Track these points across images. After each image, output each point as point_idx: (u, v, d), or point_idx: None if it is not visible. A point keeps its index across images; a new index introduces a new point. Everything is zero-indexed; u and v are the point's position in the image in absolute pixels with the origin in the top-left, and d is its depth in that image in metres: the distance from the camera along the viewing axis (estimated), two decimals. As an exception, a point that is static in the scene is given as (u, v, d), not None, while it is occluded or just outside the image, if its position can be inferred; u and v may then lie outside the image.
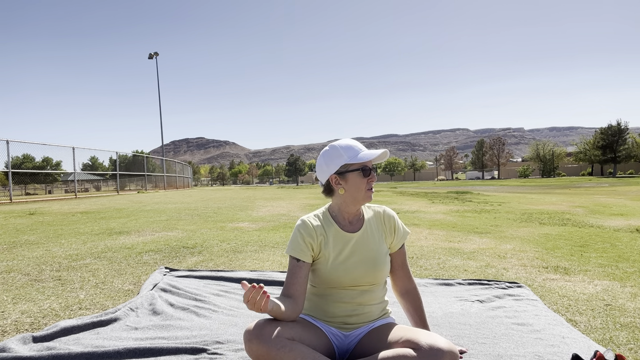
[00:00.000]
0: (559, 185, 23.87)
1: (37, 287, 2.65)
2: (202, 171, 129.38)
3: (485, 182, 41.37)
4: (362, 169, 1.45)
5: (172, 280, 2.67)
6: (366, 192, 1.47)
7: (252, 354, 1.24)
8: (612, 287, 2.52)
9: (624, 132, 52.68)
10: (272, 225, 5.74)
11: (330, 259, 1.48)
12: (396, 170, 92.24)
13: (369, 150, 1.48)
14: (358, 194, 1.47)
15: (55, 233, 5.13)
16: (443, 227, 5.42)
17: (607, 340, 1.74)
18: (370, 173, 1.47)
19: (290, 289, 1.43)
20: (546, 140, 72.54)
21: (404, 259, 1.59)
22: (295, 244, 1.48)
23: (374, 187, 5.99)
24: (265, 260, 3.44)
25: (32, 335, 1.73)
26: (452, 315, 2.04)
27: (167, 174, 24.47)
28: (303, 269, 1.46)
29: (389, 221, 1.56)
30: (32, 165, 37.97)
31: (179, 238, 4.64)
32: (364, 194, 1.47)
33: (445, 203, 9.74)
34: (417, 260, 3.41)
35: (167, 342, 1.73)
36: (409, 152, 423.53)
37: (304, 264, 1.46)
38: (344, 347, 1.48)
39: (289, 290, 1.43)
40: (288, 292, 1.43)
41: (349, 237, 1.50)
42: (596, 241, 4.19)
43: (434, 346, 1.20)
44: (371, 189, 1.48)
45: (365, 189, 1.46)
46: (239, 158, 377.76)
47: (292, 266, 1.46)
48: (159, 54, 30.64)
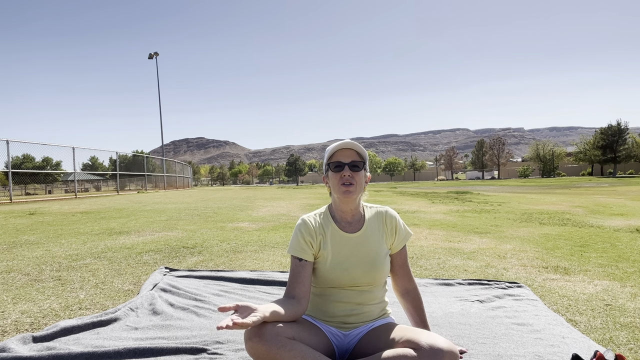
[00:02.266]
0: (559, 185, 23.87)
1: (37, 287, 2.65)
2: (202, 171, 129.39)
3: (485, 182, 41.37)
4: (335, 165, 1.46)
5: (172, 280, 2.67)
6: (339, 187, 1.45)
7: (253, 353, 1.24)
8: (612, 287, 2.52)
9: (624, 132, 52.68)
10: (272, 225, 5.74)
11: (329, 259, 1.48)
12: (396, 170, 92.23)
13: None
14: (335, 191, 1.47)
15: (55, 233, 5.13)
16: (443, 227, 5.42)
17: (607, 340, 1.74)
18: (343, 168, 1.44)
19: (294, 290, 1.42)
20: (546, 140, 72.53)
21: (405, 259, 1.59)
22: (296, 243, 1.48)
23: (374, 186, 5.87)
24: (265, 260, 3.44)
25: (32, 335, 1.73)
26: (452, 315, 2.03)
27: (167, 174, 24.47)
28: (306, 268, 1.45)
29: (391, 222, 1.55)
30: (32, 165, 37.98)
31: (179, 238, 4.64)
32: (338, 189, 1.46)
33: (445, 203, 9.74)
34: (417, 260, 3.41)
35: (167, 342, 1.72)
36: (409, 152, 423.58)
37: (306, 263, 1.46)
38: (343, 347, 1.48)
39: (292, 291, 1.42)
40: (292, 293, 1.42)
41: (348, 237, 1.50)
42: (596, 241, 4.19)
43: (434, 346, 1.20)
44: (345, 183, 1.44)
45: (339, 185, 1.45)
46: (239, 158, 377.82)
47: (295, 266, 1.46)
48: (159, 54, 30.64)
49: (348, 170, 1.44)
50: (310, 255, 1.47)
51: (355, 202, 1.52)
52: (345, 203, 1.49)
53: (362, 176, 1.48)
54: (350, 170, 1.44)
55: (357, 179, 1.46)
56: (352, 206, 1.51)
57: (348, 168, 1.45)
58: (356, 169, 1.46)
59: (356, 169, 1.46)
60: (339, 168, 1.45)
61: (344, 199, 1.47)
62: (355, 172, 1.45)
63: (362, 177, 1.48)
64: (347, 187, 1.44)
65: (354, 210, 1.52)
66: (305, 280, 1.44)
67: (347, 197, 1.46)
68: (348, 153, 1.47)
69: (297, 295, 1.41)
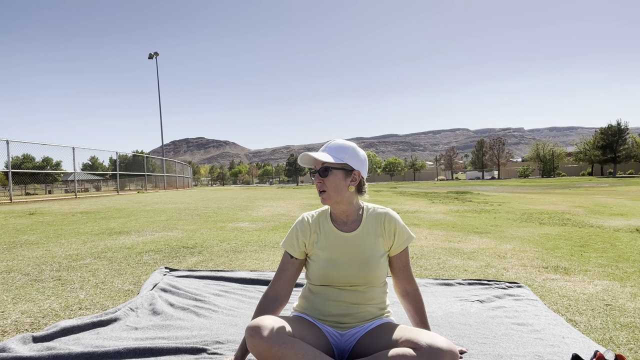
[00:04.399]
0: (559, 185, 23.87)
1: (37, 287, 2.65)
2: (202, 171, 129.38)
3: (485, 182, 41.37)
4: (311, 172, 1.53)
5: (172, 280, 2.67)
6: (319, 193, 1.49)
7: (254, 350, 1.24)
8: (612, 287, 2.52)
9: (624, 132, 52.69)
10: (272, 225, 5.74)
11: (322, 256, 1.50)
12: (396, 170, 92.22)
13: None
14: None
15: (55, 233, 5.13)
16: (443, 227, 5.42)
17: (607, 340, 1.74)
18: (314, 174, 1.49)
19: (277, 283, 1.52)
20: (546, 140, 72.54)
21: (405, 261, 1.57)
22: (289, 238, 1.55)
23: (374, 186, 5.81)
24: (265, 260, 3.44)
25: (32, 335, 1.73)
26: (452, 315, 2.03)
27: (167, 174, 24.47)
28: (294, 265, 1.53)
29: (389, 224, 1.53)
30: (32, 165, 37.96)
31: (179, 238, 4.64)
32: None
33: (445, 203, 9.74)
34: (417, 260, 3.41)
35: (167, 342, 1.72)
36: (409, 152, 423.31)
37: (295, 261, 1.53)
38: (340, 347, 1.48)
39: (275, 284, 1.51)
40: (274, 287, 1.51)
41: (342, 236, 1.51)
42: (596, 241, 4.19)
43: (433, 346, 1.20)
44: (319, 190, 1.47)
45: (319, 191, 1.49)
46: (239, 158, 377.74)
47: (285, 261, 1.54)
48: (159, 54, 30.64)
49: (318, 177, 1.47)
50: (299, 254, 1.53)
51: (340, 205, 1.49)
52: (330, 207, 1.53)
53: (337, 179, 1.44)
54: (320, 177, 1.46)
55: (329, 184, 1.45)
56: (341, 208, 1.50)
57: (319, 175, 1.47)
58: (325, 173, 1.45)
59: (325, 173, 1.45)
60: (313, 175, 1.50)
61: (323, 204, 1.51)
62: (325, 178, 1.45)
63: (335, 181, 1.44)
64: (320, 193, 1.48)
65: (347, 211, 1.51)
66: (290, 277, 1.52)
67: (324, 203, 1.49)
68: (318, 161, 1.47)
69: (279, 290, 1.50)
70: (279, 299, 1.50)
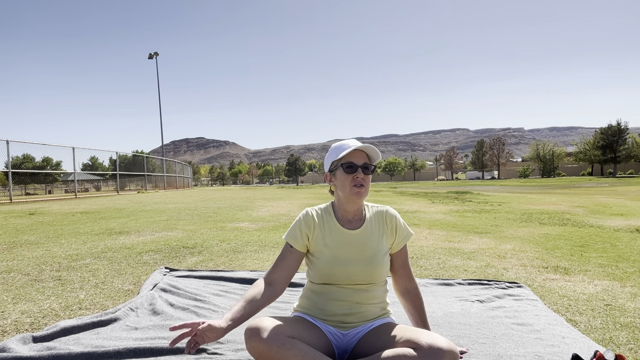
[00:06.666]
0: (559, 185, 23.87)
1: (37, 287, 2.65)
2: (202, 171, 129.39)
3: (485, 182, 41.37)
4: (347, 165, 1.47)
5: (172, 280, 2.67)
6: (351, 188, 1.47)
7: (253, 352, 1.24)
8: (612, 287, 2.52)
9: (624, 132, 52.69)
10: (272, 225, 5.74)
11: (327, 253, 1.49)
12: (396, 170, 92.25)
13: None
14: (344, 191, 1.49)
15: (55, 233, 5.13)
16: (443, 227, 5.42)
17: (607, 340, 1.74)
18: (356, 169, 1.46)
19: (275, 272, 1.48)
20: (546, 140, 72.54)
21: (405, 259, 1.59)
22: (293, 231, 1.53)
23: (374, 186, 5.84)
24: (265, 260, 3.44)
25: (32, 335, 1.72)
26: (452, 315, 2.03)
27: (167, 174, 24.47)
28: (294, 255, 1.51)
29: (391, 221, 1.56)
30: (32, 165, 37.96)
31: (179, 238, 4.64)
32: (349, 190, 1.47)
33: (445, 203, 9.74)
34: (417, 260, 3.41)
35: (167, 342, 1.72)
36: (409, 152, 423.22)
37: (295, 251, 1.51)
38: (342, 347, 1.48)
39: (273, 273, 1.48)
40: (272, 275, 1.48)
41: (347, 234, 1.51)
42: (596, 241, 4.19)
43: (434, 346, 1.20)
44: (357, 185, 1.46)
45: (350, 186, 1.47)
46: (239, 158, 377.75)
47: (285, 251, 1.52)
48: (159, 54, 30.64)
49: (361, 172, 1.46)
50: (302, 246, 1.51)
51: (361, 203, 1.54)
52: (352, 203, 1.51)
53: (370, 178, 1.51)
54: (362, 173, 1.47)
55: (368, 181, 1.49)
56: (357, 206, 1.53)
57: (361, 170, 1.47)
58: (367, 171, 1.49)
59: (367, 171, 1.49)
60: (351, 169, 1.46)
61: (354, 200, 1.49)
62: (366, 175, 1.48)
63: (370, 180, 1.51)
64: (359, 188, 1.46)
65: (357, 209, 1.54)
66: (288, 266, 1.50)
67: (358, 198, 1.48)
68: (360, 154, 1.49)
69: (276, 279, 1.47)
70: (274, 285, 1.45)
